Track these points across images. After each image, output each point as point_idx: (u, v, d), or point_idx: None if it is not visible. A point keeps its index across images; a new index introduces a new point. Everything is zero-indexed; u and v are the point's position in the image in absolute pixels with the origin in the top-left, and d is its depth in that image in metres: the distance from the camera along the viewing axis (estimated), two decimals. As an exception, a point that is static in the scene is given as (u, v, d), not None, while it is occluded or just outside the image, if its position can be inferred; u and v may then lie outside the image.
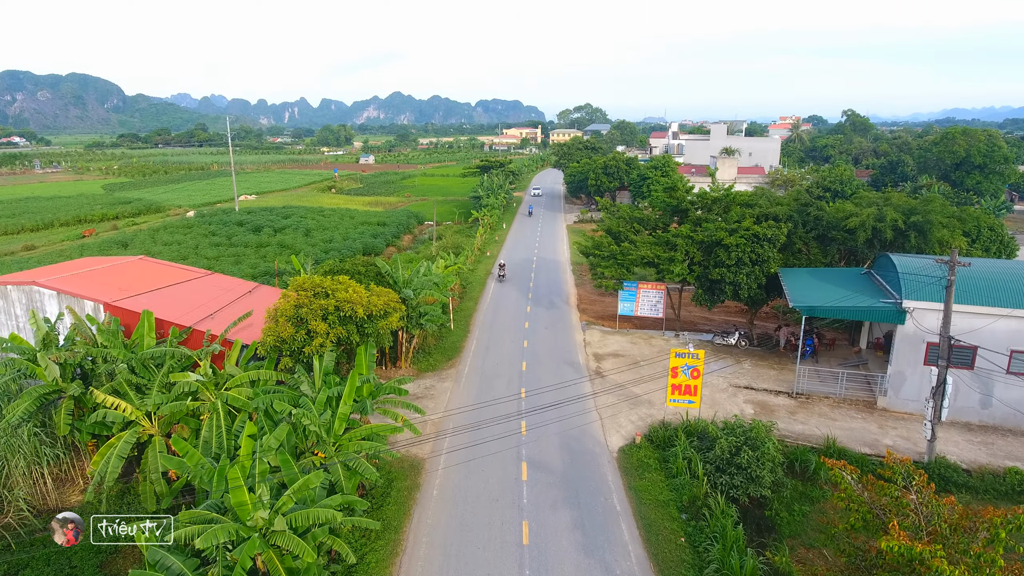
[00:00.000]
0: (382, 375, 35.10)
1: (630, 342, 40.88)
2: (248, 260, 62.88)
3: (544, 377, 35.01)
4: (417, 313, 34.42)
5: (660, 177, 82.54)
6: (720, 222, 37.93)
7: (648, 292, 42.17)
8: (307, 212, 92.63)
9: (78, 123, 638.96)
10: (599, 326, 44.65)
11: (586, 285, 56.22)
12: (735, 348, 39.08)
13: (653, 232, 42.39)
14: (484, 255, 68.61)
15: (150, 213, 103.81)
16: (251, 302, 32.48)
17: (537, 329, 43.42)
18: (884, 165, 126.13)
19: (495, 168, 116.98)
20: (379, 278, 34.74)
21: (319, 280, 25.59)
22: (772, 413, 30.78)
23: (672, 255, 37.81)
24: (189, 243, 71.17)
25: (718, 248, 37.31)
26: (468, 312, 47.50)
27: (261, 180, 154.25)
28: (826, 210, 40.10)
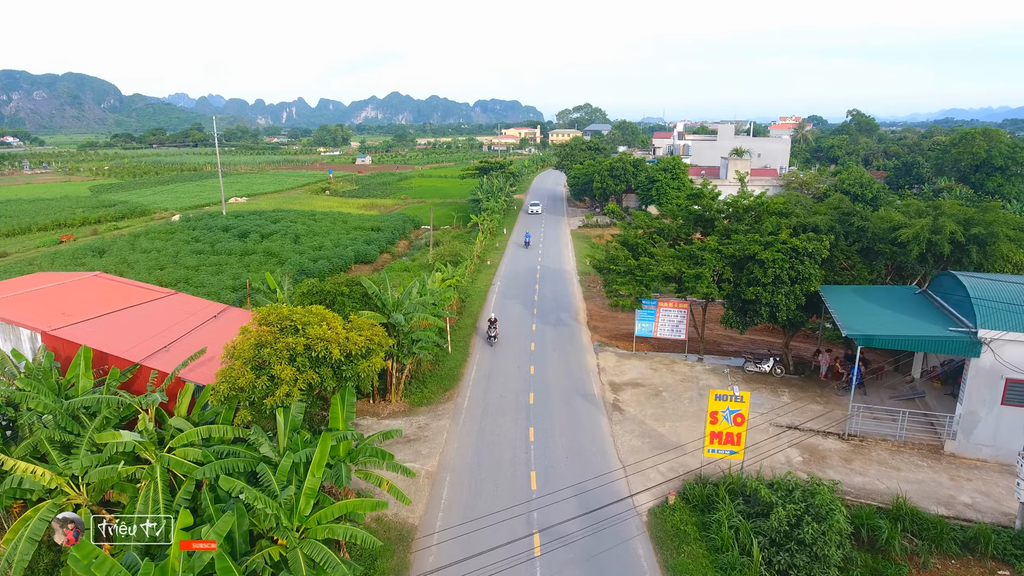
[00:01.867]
0: (369, 410, 30.59)
1: (650, 368, 36.38)
2: (230, 270, 58.38)
3: (555, 412, 30.53)
4: (409, 340, 29.90)
5: (670, 180, 78.15)
6: (754, 234, 33.43)
7: (669, 311, 37.68)
8: (298, 216, 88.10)
9: (74, 123, 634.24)
10: (613, 348, 40.15)
11: (596, 299, 51.73)
12: (769, 376, 34.61)
13: (674, 244, 37.92)
14: (484, 264, 64.11)
15: (134, 217, 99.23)
16: (216, 330, 27.97)
17: (544, 351, 38.93)
18: (898, 167, 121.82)
19: (495, 170, 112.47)
20: (365, 300, 30.23)
21: (287, 312, 21.05)
22: (824, 461, 26.31)
23: (698, 271, 33.32)
24: (169, 250, 66.65)
25: (751, 264, 32.84)
26: (468, 330, 43.00)
27: (253, 181, 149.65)
28: (871, 220, 35.64)
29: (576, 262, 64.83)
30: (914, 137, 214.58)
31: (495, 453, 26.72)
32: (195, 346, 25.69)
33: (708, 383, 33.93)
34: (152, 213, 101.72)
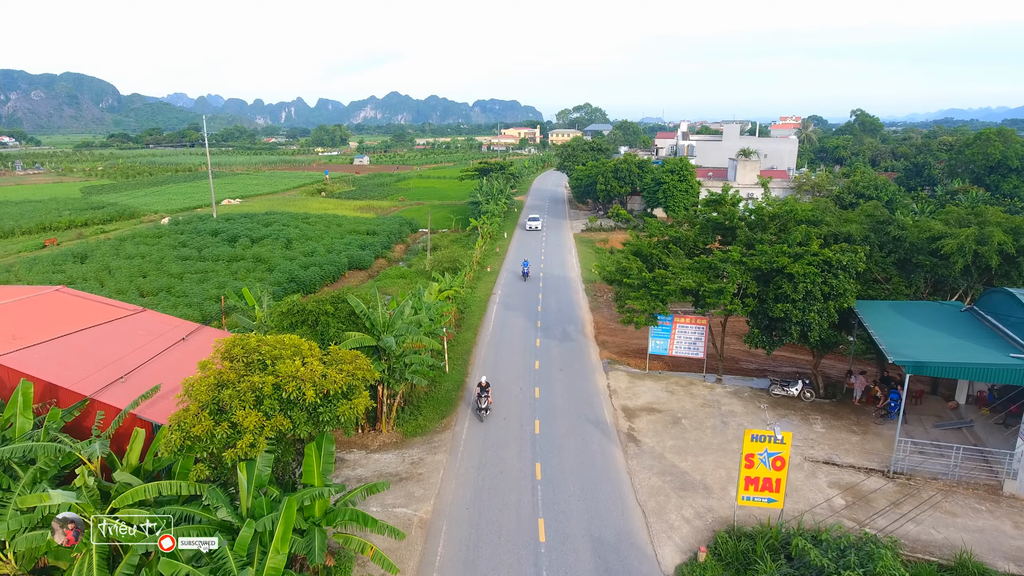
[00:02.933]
0: (358, 442, 27.52)
1: (665, 390, 33.31)
2: (216, 277, 55.37)
3: (564, 444, 27.46)
4: (401, 365, 26.83)
5: (677, 182, 75.11)
6: (781, 245, 30.37)
7: (686, 327, 34.63)
8: (291, 219, 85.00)
9: (72, 123, 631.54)
10: (624, 366, 37.09)
11: (603, 310, 48.67)
12: (798, 401, 31.56)
13: (691, 254, 34.88)
14: (484, 270, 61.03)
15: (122, 219, 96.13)
16: (185, 354, 24.89)
17: (550, 371, 35.86)
18: (908, 168, 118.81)
19: (495, 171, 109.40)
20: (352, 320, 27.15)
21: (254, 343, 17.97)
22: (870, 504, 23.25)
23: (720, 285, 30.25)
24: (154, 256, 63.60)
25: (779, 278, 29.79)
26: (466, 346, 39.93)
27: (248, 182, 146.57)
28: (909, 229, 32.59)
29: (581, 269, 61.77)
30: (918, 137, 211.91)
31: (498, 495, 23.65)
32: (158, 375, 22.66)
33: (731, 408, 30.90)
34: (141, 216, 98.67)
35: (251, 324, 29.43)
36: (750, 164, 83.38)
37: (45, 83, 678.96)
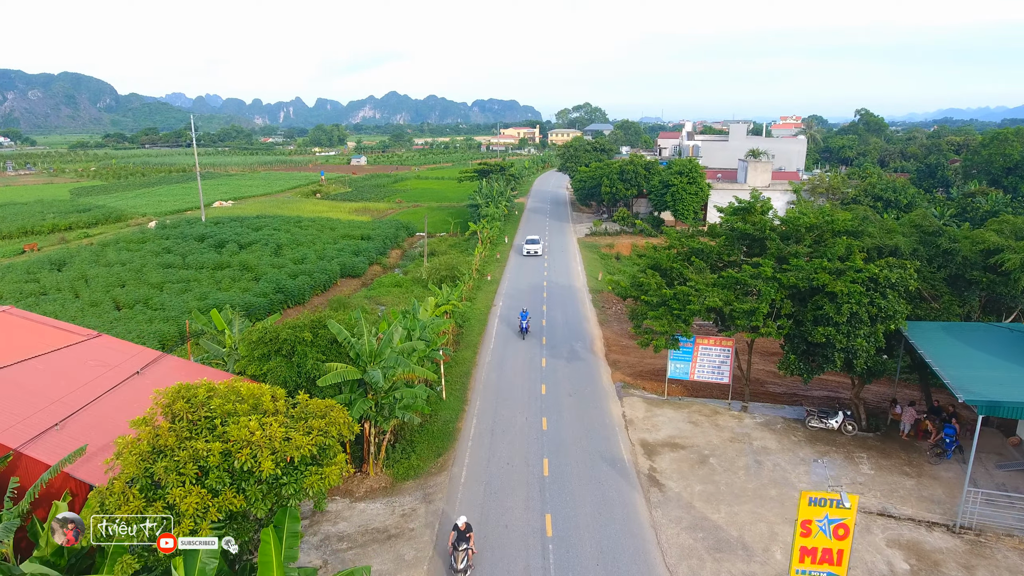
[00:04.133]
0: (341, 487, 24.04)
1: (688, 421, 29.85)
2: (199, 287, 51.91)
3: (578, 490, 24.00)
4: (390, 400, 23.35)
5: (686, 184, 71.67)
6: (820, 260, 26.90)
7: (709, 350, 31.17)
8: (282, 223, 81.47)
9: (69, 123, 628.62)
10: (639, 390, 33.63)
11: (612, 324, 45.22)
12: (839, 434, 28.12)
13: (715, 268, 31.44)
14: (484, 279, 57.56)
15: (108, 223, 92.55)
16: (138, 393, 21.42)
17: (558, 397, 32.39)
18: (921, 169, 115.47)
19: (495, 172, 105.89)
20: (334, 348, 23.69)
21: (203, 395, 14.49)
22: (938, 569, 19.81)
23: (752, 305, 26.77)
24: (136, 263, 60.11)
25: (819, 297, 26.34)
26: (466, 367, 36.44)
27: (242, 184, 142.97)
28: (962, 242, 29.15)
29: (586, 277, 58.28)
30: (922, 137, 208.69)
31: (503, 559, 20.19)
32: (102, 419, 19.24)
33: (763, 444, 27.45)
34: (129, 219, 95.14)
35: (220, 351, 26.02)
36: (761, 165, 79.89)
37: (43, 83, 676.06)
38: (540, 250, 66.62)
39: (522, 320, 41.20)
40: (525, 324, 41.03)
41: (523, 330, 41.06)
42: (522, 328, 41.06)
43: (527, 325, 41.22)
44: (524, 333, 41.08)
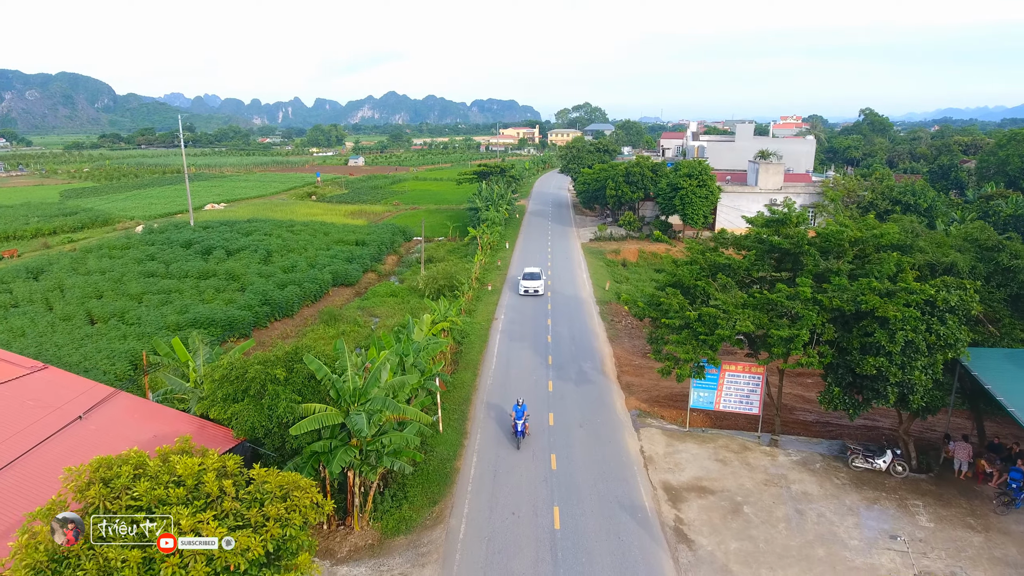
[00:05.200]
0: (320, 545, 20.75)
1: (715, 458, 26.59)
2: (180, 298, 48.57)
3: (594, 547, 20.74)
4: (377, 447, 20.08)
5: (696, 187, 68.43)
6: (867, 279, 23.63)
7: (737, 377, 27.92)
8: (274, 227, 78.11)
9: (67, 123, 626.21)
10: (657, 420, 30.37)
11: (623, 339, 41.98)
12: (888, 476, 24.88)
13: (743, 285, 28.21)
14: (485, 288, 54.29)
15: (95, 227, 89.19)
16: (79, 442, 18.18)
17: (568, 427, 29.15)
18: (934, 170, 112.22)
19: (495, 174, 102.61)
20: (311, 386, 20.42)
21: (126, 475, 11.22)
22: (1030, 658, 16.58)
23: (791, 331, 23.51)
24: (116, 271, 56.75)
25: (868, 322, 23.11)
26: (465, 392, 33.18)
27: (236, 185, 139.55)
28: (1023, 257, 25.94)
29: (592, 286, 55.00)
30: (926, 137, 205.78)
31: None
32: (23, 483, 16.03)
33: (803, 488, 24.19)
34: (116, 222, 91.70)
35: (183, 385, 22.75)
36: (773, 167, 76.63)
37: (40, 83, 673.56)
38: (541, 288, 51.09)
39: (517, 419, 27.40)
40: (521, 426, 27.24)
41: (518, 433, 27.35)
42: (517, 431, 27.36)
43: (524, 427, 27.31)
44: (520, 438, 27.46)
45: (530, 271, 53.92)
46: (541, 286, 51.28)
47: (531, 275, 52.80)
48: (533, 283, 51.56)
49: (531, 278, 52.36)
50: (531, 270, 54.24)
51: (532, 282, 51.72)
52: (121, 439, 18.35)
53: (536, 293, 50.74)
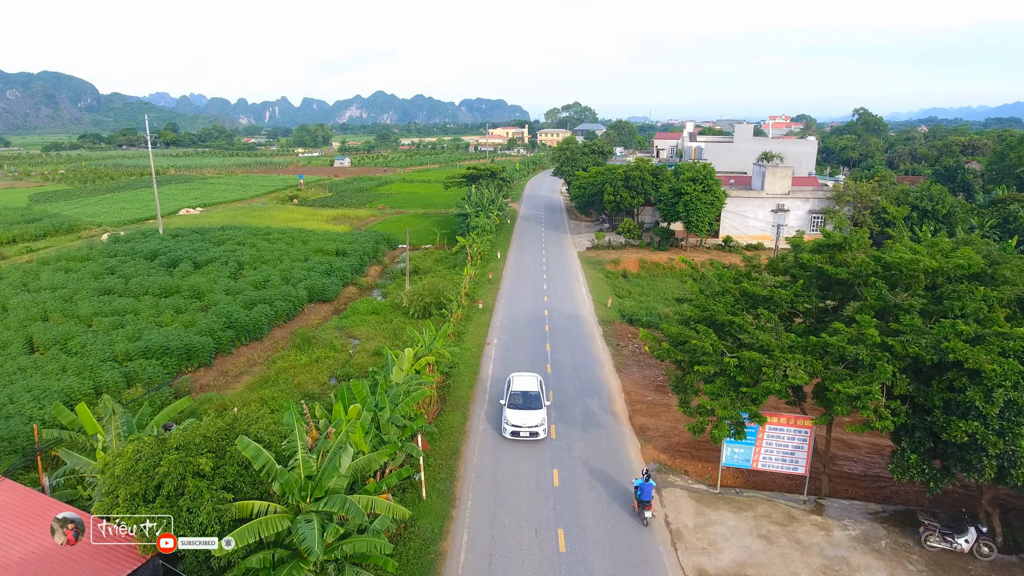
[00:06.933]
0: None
1: (756, 532, 21.92)
2: (135, 321, 43.55)
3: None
4: (336, 556, 15.24)
5: (701, 192, 63.90)
6: (952, 322, 19.02)
7: (780, 431, 23.28)
8: (249, 235, 72.97)
9: (49, 123, 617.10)
10: (681, 476, 25.72)
11: (631, 368, 37.31)
12: (972, 559, 20.32)
13: (784, 319, 23.59)
14: (475, 306, 49.49)
15: (59, 234, 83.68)
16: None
17: (576, 490, 24.43)
18: (940, 172, 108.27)
19: (485, 178, 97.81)
20: (248, 477, 15.60)
21: None
22: None
23: (861, 388, 18.86)
24: (70, 287, 51.53)
25: (954, 374, 18.55)
26: (453, 439, 28.38)
27: (215, 188, 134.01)
28: None
29: (593, 303, 50.28)
30: (920, 137, 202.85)
31: None
32: None
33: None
34: (81, 230, 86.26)
35: (87, 464, 17.79)
36: (780, 171, 72.28)
37: (21, 82, 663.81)
38: (541, 421, 28.34)
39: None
40: None
41: None
42: None
43: None
44: None
45: (525, 389, 29.99)
46: (541, 420, 28.35)
47: (525, 395, 29.59)
48: (527, 416, 28.39)
49: (524, 406, 29.01)
50: (525, 383, 30.45)
51: (526, 415, 28.48)
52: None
53: (533, 436, 28.02)
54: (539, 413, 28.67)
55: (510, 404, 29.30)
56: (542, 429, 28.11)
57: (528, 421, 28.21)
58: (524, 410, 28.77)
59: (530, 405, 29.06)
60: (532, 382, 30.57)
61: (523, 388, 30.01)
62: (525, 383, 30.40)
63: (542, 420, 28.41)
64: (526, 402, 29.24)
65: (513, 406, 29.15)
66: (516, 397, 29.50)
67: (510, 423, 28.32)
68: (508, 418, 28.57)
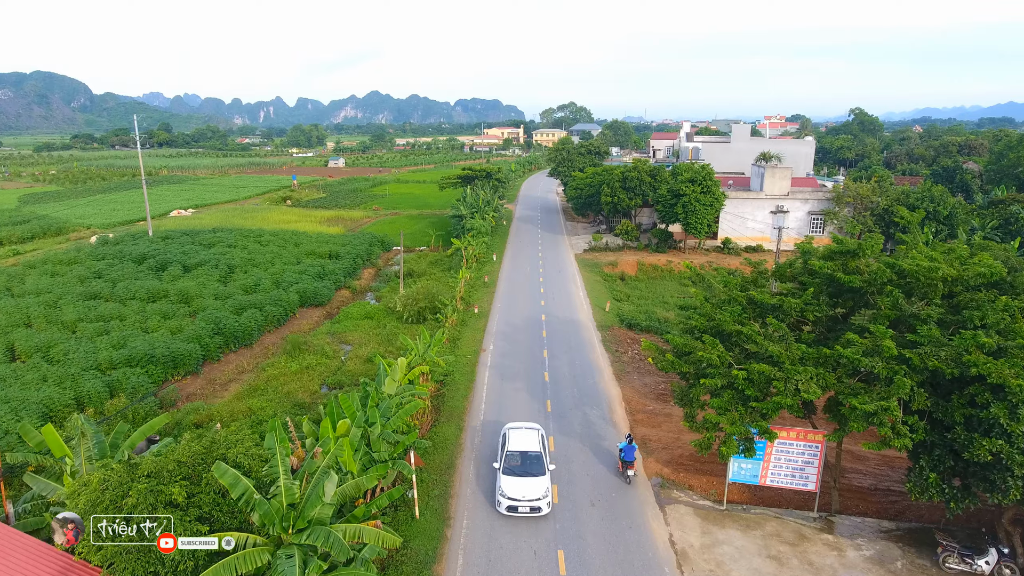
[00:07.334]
0: None
1: (766, 553, 20.91)
2: (121, 327, 42.45)
3: None
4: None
5: (700, 194, 62.96)
6: (974, 333, 18.03)
7: (789, 446, 22.28)
8: (240, 237, 71.78)
9: (42, 123, 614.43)
10: (685, 491, 24.71)
11: (631, 376, 36.29)
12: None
13: (793, 328, 22.58)
14: (471, 311, 48.42)
15: (48, 236, 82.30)
16: None
17: (577, 506, 23.40)
18: (939, 172, 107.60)
19: (480, 178, 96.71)
20: (226, 506, 14.52)
21: None
22: None
23: (879, 404, 17.87)
24: (56, 291, 50.34)
25: (976, 389, 17.59)
26: (448, 453, 27.30)
27: (207, 189, 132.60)
28: None
29: (591, 307, 49.25)
30: (915, 137, 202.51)
31: None
32: None
33: (889, 603, 18.60)
34: (70, 231, 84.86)
35: (55, 491, 16.62)
36: (779, 172, 71.34)
37: (13, 82, 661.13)
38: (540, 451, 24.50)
39: None
40: None
41: None
42: None
43: None
44: None
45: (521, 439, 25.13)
46: (544, 490, 23.06)
47: (524, 456, 24.26)
48: (527, 487, 23.13)
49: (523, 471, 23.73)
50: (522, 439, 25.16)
51: (525, 484, 23.21)
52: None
53: (535, 511, 22.76)
54: (542, 481, 23.19)
55: (506, 469, 23.78)
56: (545, 503, 22.78)
57: (529, 492, 22.86)
58: (523, 477, 23.37)
59: (530, 470, 23.69)
60: (532, 439, 25.08)
61: (521, 447, 24.58)
62: (524, 440, 25.01)
63: (545, 491, 23.00)
64: (525, 466, 23.86)
65: (509, 471, 23.67)
66: (513, 459, 24.13)
67: (506, 495, 22.86)
68: (504, 488, 23.08)
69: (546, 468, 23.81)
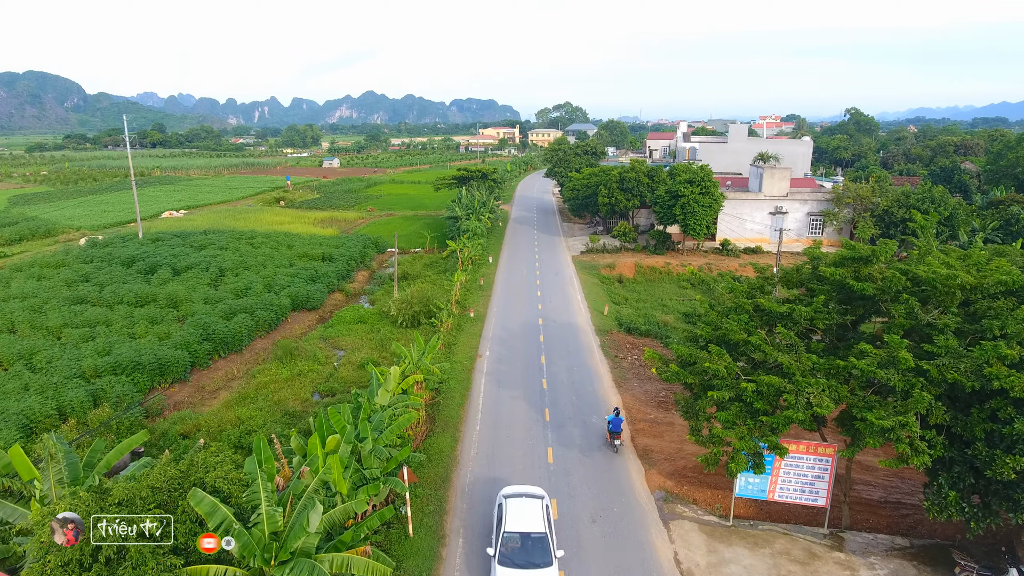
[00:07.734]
0: None
1: (774, 572, 19.96)
2: (107, 333, 41.37)
3: None
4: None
5: (698, 195, 62.10)
6: (995, 344, 17.15)
7: (799, 459, 21.38)
8: (232, 239, 70.65)
9: (35, 123, 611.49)
10: (690, 506, 23.79)
11: (631, 382, 35.37)
12: (1014, 605, 18.50)
13: (802, 336, 21.68)
14: (466, 315, 47.43)
15: (36, 238, 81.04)
16: None
17: (577, 522, 22.45)
18: (936, 173, 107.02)
19: (476, 179, 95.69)
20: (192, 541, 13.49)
21: None
22: None
23: (897, 420, 16.99)
24: (41, 295, 49.20)
25: (998, 403, 16.71)
26: (443, 466, 26.32)
27: (200, 190, 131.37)
28: None
29: (589, 311, 48.31)
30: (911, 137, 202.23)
31: None
32: None
33: (906, 628, 17.71)
34: (59, 233, 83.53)
35: (22, 515, 15.63)
36: (778, 172, 70.51)
37: (6, 82, 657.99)
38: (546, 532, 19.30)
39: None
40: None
41: None
42: None
43: None
44: None
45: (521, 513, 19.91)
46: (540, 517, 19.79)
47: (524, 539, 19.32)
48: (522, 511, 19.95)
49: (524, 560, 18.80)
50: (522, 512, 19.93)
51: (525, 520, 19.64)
52: None
53: None
54: (548, 574, 18.32)
55: (502, 557, 18.62)
56: (539, 520, 19.22)
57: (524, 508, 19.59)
58: (525, 570, 18.31)
59: (534, 559, 18.55)
60: (535, 514, 19.66)
61: (522, 526, 19.32)
62: (524, 516, 19.59)
63: (540, 514, 19.52)
64: (526, 552, 18.81)
65: (507, 560, 18.54)
66: (512, 542, 19.05)
67: (496, 559, 18.63)
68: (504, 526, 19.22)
69: (553, 556, 18.79)
